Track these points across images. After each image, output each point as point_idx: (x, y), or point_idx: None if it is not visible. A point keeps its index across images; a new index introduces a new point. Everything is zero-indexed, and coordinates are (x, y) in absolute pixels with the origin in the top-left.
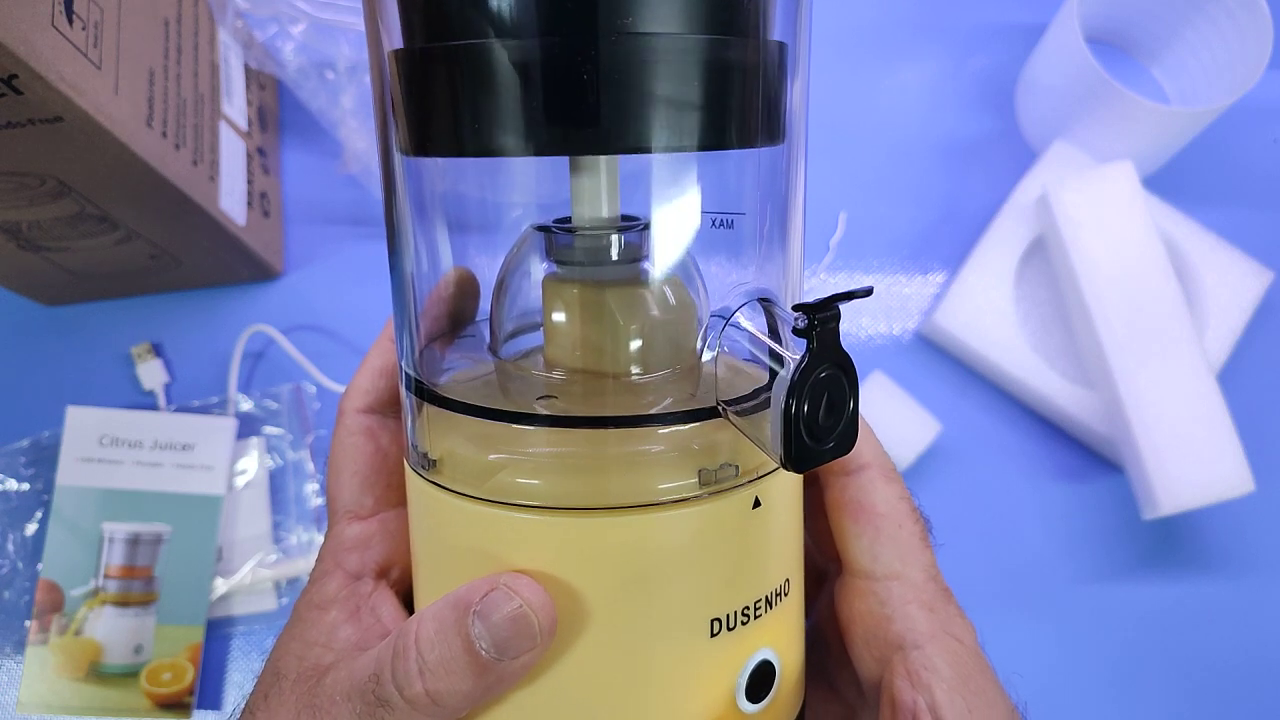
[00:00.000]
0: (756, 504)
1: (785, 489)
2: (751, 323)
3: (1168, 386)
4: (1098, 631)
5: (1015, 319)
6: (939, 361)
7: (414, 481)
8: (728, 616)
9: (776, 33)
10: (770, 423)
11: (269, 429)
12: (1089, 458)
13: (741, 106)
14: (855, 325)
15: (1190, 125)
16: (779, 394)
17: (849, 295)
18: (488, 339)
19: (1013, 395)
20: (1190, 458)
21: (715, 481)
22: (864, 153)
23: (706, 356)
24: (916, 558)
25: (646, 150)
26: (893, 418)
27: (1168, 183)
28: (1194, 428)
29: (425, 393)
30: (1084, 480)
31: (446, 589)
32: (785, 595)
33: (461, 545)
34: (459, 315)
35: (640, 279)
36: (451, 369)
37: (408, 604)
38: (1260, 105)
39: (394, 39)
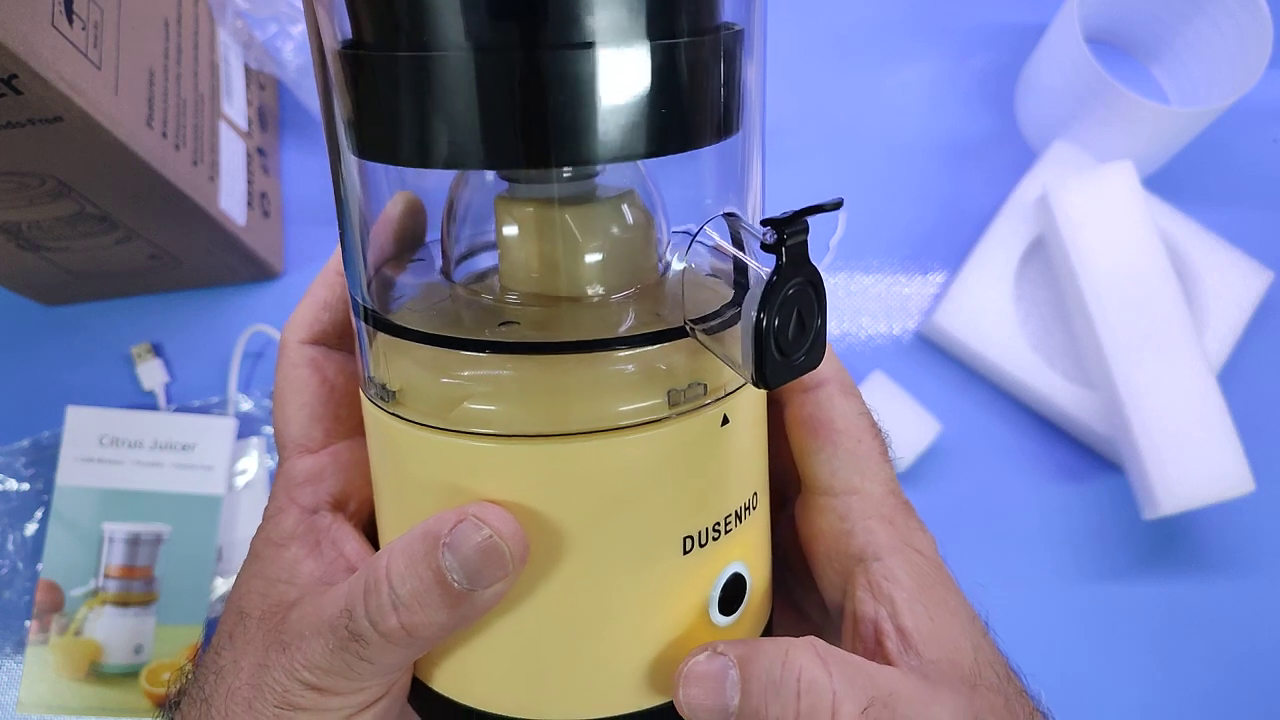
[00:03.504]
0: (725, 421)
1: (751, 404)
2: (719, 237)
3: (1168, 386)
4: (1097, 631)
5: (1015, 319)
6: (939, 361)
7: (372, 414)
8: (699, 533)
9: (728, 13)
10: (740, 339)
11: (269, 429)
12: (1089, 458)
13: (695, 109)
14: (855, 325)
15: (1190, 125)
16: (749, 310)
17: (818, 208)
18: (439, 262)
19: (1013, 395)
20: (1190, 458)
21: (684, 401)
22: (864, 153)
23: (676, 267)
24: (876, 472)
25: (597, 162)
26: (893, 418)
27: (1168, 183)
28: (1194, 428)
29: (380, 322)
30: (1084, 480)
31: (413, 522)
32: (753, 509)
33: (427, 478)
34: (408, 240)
35: (597, 195)
36: (404, 295)
37: (370, 536)
38: (1260, 105)
39: (339, 31)
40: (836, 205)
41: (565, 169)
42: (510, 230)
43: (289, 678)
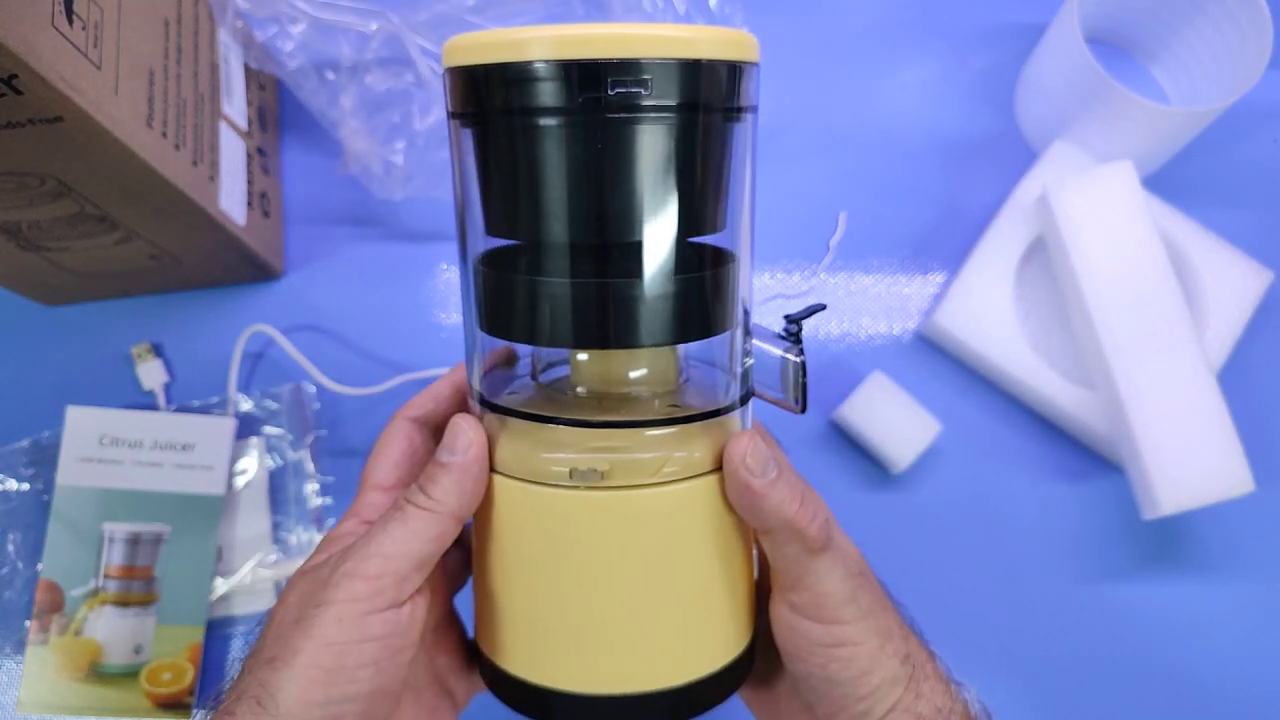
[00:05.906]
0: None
1: None
2: (759, 340)
3: (1168, 386)
4: (1097, 631)
5: (1015, 319)
6: (939, 361)
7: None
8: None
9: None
10: (787, 390)
11: (269, 429)
12: (1089, 458)
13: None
14: (855, 325)
15: (1190, 125)
16: (793, 374)
17: (813, 310)
18: (529, 370)
19: (1013, 395)
20: (1190, 458)
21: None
22: (864, 153)
23: (745, 364)
24: (778, 457)
25: (639, 347)
26: (893, 418)
27: (1168, 183)
28: (1194, 428)
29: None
30: (1084, 480)
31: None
32: None
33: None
34: (508, 362)
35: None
36: (504, 391)
37: None
38: (1260, 105)
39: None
40: (823, 308)
41: None
42: (579, 359)
43: (332, 567)
